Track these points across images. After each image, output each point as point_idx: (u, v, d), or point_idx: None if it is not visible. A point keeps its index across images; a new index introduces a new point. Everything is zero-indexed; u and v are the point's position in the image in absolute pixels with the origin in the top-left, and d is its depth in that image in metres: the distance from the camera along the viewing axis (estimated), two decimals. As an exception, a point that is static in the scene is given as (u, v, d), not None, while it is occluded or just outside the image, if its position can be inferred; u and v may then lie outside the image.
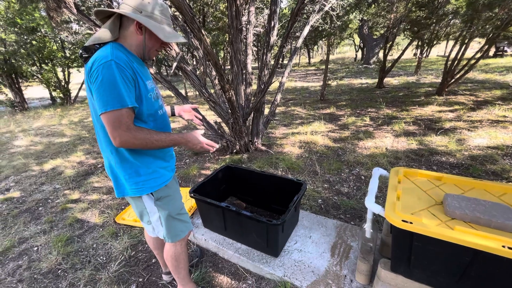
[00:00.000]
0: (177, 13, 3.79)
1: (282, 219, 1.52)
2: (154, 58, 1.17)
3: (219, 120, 4.88)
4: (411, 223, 1.09)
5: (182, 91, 9.54)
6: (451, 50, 5.88)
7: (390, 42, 7.10)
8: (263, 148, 3.55)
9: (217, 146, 1.23)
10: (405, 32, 7.23)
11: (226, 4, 2.53)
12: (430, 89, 6.96)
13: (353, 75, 11.51)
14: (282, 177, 1.95)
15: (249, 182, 2.10)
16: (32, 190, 3.06)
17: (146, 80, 1.09)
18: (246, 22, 3.39)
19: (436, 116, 4.61)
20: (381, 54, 14.28)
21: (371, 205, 1.26)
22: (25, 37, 8.98)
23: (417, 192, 1.31)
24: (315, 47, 26.55)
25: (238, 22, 2.70)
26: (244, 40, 3.32)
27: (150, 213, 1.22)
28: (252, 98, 3.48)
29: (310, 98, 7.08)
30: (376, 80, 9.15)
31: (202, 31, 1.92)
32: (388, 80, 9.00)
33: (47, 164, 3.82)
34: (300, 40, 3.57)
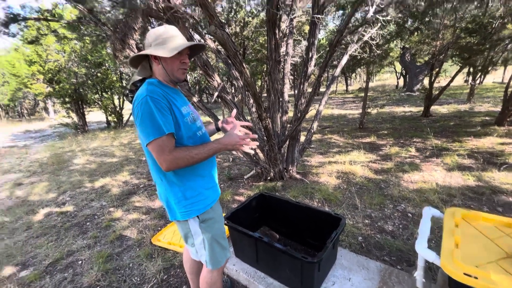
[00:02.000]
0: (220, 47, 4.13)
1: (319, 257, 1.42)
2: (186, 79, 1.26)
3: (255, 145, 4.95)
4: (476, 278, 0.93)
5: (221, 117, 10.04)
6: (511, 77, 5.34)
7: (437, 69, 6.73)
8: (298, 176, 3.47)
9: (255, 136, 1.24)
10: (454, 59, 6.82)
11: (266, 37, 2.69)
12: (487, 118, 6.29)
13: (395, 102, 11.01)
14: (318, 209, 1.86)
15: (284, 212, 2.03)
16: (83, 206, 3.35)
17: (181, 106, 1.18)
18: (284, 54, 3.53)
19: (498, 148, 4.09)
20: (426, 81, 13.53)
21: (423, 251, 1.11)
22: (93, 70, 10.53)
23: (482, 240, 1.12)
24: (353, 74, 26.31)
25: (276, 54, 2.83)
26: (282, 70, 3.44)
27: (195, 236, 1.24)
28: (288, 126, 3.50)
29: (348, 126, 6.91)
30: (421, 108, 8.59)
31: (244, 64, 2.04)
32: (435, 108, 8.40)
33: (97, 182, 4.20)
34: (338, 70, 3.57)
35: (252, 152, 1.23)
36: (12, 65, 13.05)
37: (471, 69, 7.77)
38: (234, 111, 1.43)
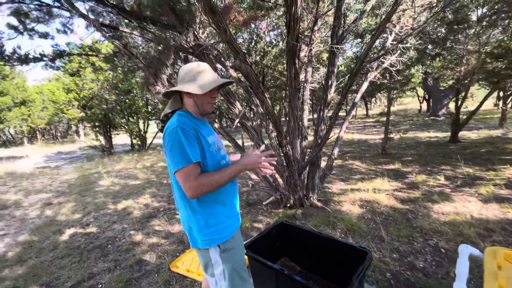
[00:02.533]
0: (240, 75, 4.32)
1: (344, 294, 1.33)
2: (213, 111, 1.33)
3: (274, 172, 4.93)
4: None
5: (239, 141, 10.22)
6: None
7: (463, 93, 6.51)
8: (319, 204, 3.37)
9: (273, 153, 1.26)
10: (481, 83, 6.60)
11: (285, 66, 2.80)
12: (524, 145, 5.87)
13: (419, 127, 10.65)
14: (342, 241, 1.78)
15: (305, 242, 1.96)
16: (106, 228, 3.44)
17: (207, 135, 1.23)
18: (303, 81, 3.62)
19: (539, 178, 3.76)
20: (452, 106, 13.07)
21: (463, 295, 1.01)
22: (122, 97, 11.34)
23: (530, 285, 1.01)
24: (373, 99, 26.10)
25: (296, 82, 2.92)
26: (301, 97, 3.51)
27: (215, 265, 1.24)
28: (308, 151, 3.48)
29: (370, 152, 6.75)
30: (448, 133, 8.22)
31: (265, 94, 2.12)
32: (464, 133, 8.00)
33: (120, 204, 4.32)
34: (358, 96, 3.58)
35: (269, 172, 1.25)
36: (52, 92, 14.42)
37: (501, 93, 7.44)
38: (263, 147, 1.45)
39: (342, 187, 4.11)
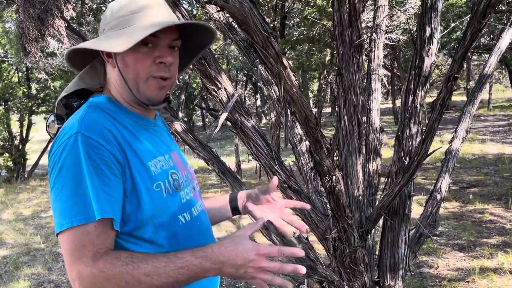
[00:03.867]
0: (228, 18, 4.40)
1: None
2: (168, 96, 1.35)
3: (304, 229, 4.87)
4: None
5: (230, 159, 10.21)
6: None
7: None
8: (408, 303, 3.34)
9: (301, 271, 1.15)
10: None
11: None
12: None
13: None
14: None
15: None
16: None
17: (148, 157, 1.24)
18: (372, 29, 3.63)
19: None
20: None
21: None
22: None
23: None
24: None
25: (354, 31, 2.92)
26: (365, 64, 3.50)
27: None
28: (382, 184, 3.47)
29: (527, 184, 6.84)
30: None
31: (284, 60, 2.12)
32: None
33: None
34: (493, 60, 3.58)
35: (303, 270, 1.16)
36: None
37: None
38: (275, 179, 1.47)
39: (461, 264, 4.13)
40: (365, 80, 3.57)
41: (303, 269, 1.13)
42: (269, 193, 1.54)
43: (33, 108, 12.54)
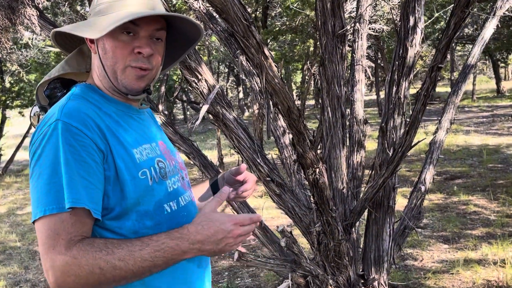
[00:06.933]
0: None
1: None
2: (148, 89, 1.35)
3: (287, 222, 4.88)
4: None
5: (211, 153, 10.21)
6: None
7: None
8: (393, 295, 3.38)
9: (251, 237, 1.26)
10: None
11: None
12: None
13: None
14: None
15: None
16: None
17: (133, 144, 1.25)
18: (355, 19, 3.64)
19: None
20: None
21: None
22: None
23: None
24: (511, 57, 26.54)
25: (337, 20, 2.92)
26: (350, 56, 3.51)
27: None
28: (366, 177, 3.49)
29: (509, 175, 6.87)
30: None
31: (266, 50, 2.11)
32: None
33: None
34: (476, 50, 3.61)
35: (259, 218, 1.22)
36: None
37: None
38: (243, 166, 1.52)
39: (445, 256, 4.16)
40: (349, 71, 3.58)
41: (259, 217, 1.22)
42: (243, 175, 1.58)
43: (7, 102, 12.34)
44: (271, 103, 2.97)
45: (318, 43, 3.10)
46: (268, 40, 9.80)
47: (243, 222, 1.17)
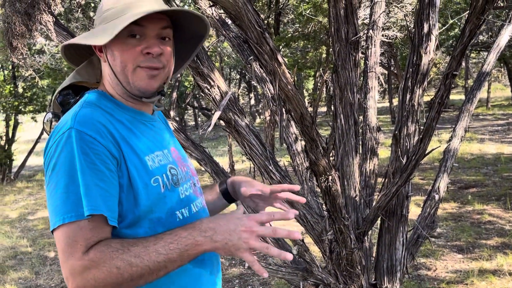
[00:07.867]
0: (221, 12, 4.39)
1: None
2: (162, 90, 1.36)
3: (299, 230, 4.86)
4: None
5: (223, 160, 10.21)
6: None
7: None
8: (406, 306, 3.35)
9: (294, 212, 1.24)
10: None
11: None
12: None
13: None
14: None
15: None
16: None
17: (145, 151, 1.26)
18: (368, 26, 3.64)
19: None
20: None
21: None
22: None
23: None
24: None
25: (350, 27, 2.92)
26: (363, 62, 3.51)
27: None
28: (379, 185, 3.47)
29: (524, 183, 6.86)
30: None
31: (279, 57, 2.12)
32: None
33: None
34: (492, 58, 3.59)
35: (290, 256, 1.20)
36: None
37: None
38: (259, 185, 1.54)
39: (459, 266, 4.14)
40: (362, 78, 3.58)
41: (289, 255, 1.21)
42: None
43: (20, 107, 12.46)
44: (283, 109, 2.98)
45: (330, 49, 3.11)
46: (281, 47, 9.82)
47: (260, 219, 1.16)
